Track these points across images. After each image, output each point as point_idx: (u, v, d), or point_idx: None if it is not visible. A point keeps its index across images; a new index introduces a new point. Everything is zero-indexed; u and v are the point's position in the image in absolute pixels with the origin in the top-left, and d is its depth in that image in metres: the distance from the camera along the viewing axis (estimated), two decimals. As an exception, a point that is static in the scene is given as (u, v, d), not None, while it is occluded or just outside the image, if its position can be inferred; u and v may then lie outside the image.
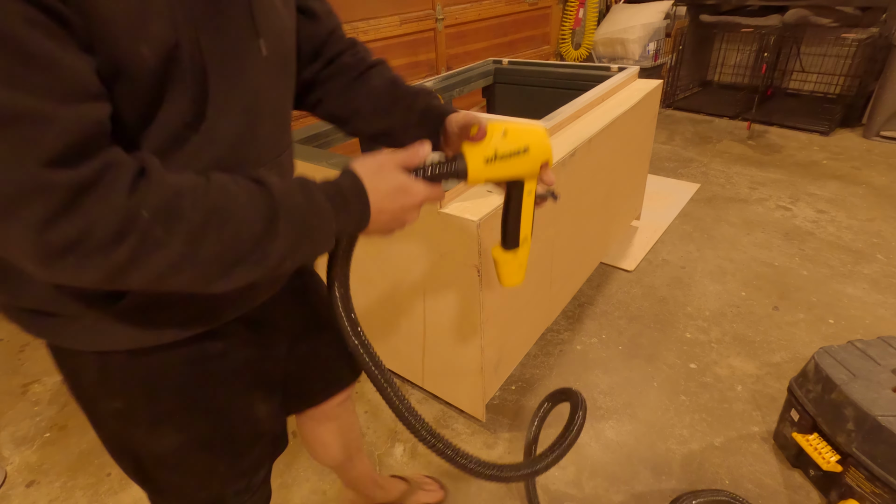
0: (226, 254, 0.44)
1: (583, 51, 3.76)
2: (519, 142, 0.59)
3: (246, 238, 0.45)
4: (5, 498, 1.31)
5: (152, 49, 0.43)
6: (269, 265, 0.47)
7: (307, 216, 0.49)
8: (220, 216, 0.43)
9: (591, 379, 1.54)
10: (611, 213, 1.82)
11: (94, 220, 0.37)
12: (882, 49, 2.95)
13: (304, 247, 0.50)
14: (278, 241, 0.46)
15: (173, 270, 0.42)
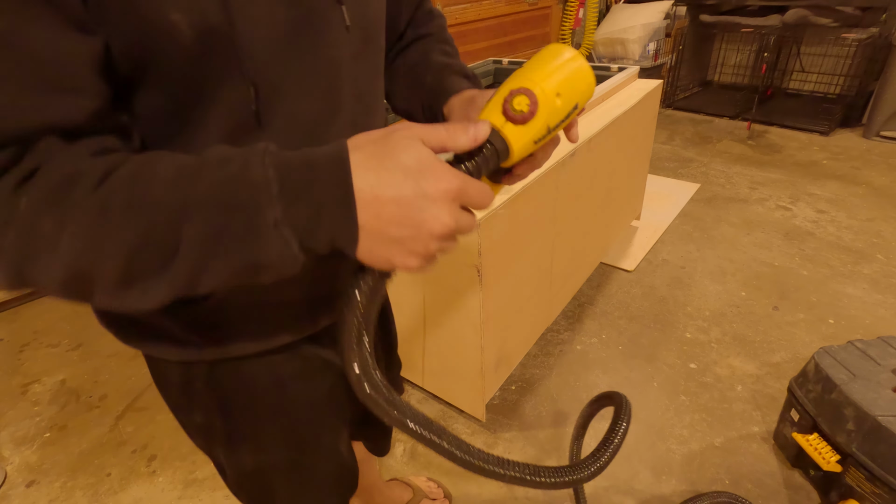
0: (133, 250, 0.33)
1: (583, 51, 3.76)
2: (572, 99, 0.41)
3: (150, 223, 0.33)
4: (5, 498, 1.31)
5: (187, 16, 0.34)
6: (183, 268, 0.33)
7: (231, 189, 0.33)
8: (122, 200, 0.32)
9: (591, 379, 1.54)
10: (611, 213, 1.82)
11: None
12: (882, 49, 2.95)
13: (228, 239, 0.33)
14: (190, 226, 0.32)
15: (79, 267, 0.33)
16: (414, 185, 0.34)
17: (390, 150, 0.34)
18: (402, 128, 0.36)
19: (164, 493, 1.30)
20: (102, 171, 0.33)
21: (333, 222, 0.34)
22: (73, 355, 1.78)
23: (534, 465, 0.48)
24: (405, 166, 0.34)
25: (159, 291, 0.35)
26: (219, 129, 0.40)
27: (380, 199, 0.34)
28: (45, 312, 2.02)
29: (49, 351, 1.81)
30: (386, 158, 0.34)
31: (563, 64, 0.41)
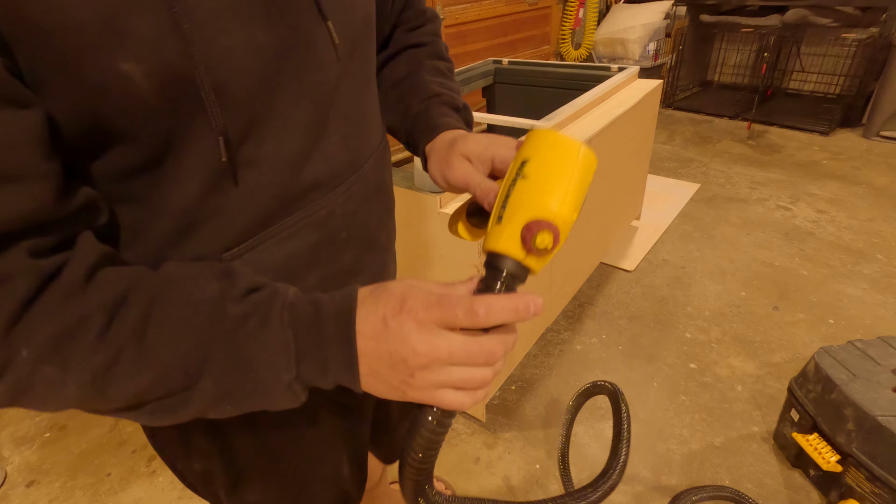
0: (140, 395, 0.32)
1: (583, 51, 3.76)
2: (583, 199, 0.39)
3: (167, 379, 0.32)
4: (5, 498, 1.31)
5: (141, 65, 0.30)
6: (189, 411, 0.34)
7: (252, 352, 0.33)
8: (135, 354, 0.31)
9: (590, 379, 1.53)
10: (611, 213, 1.82)
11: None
12: (882, 49, 2.95)
13: (240, 394, 0.34)
14: (204, 381, 0.33)
15: (79, 404, 0.32)
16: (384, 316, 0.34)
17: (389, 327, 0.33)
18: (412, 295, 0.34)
19: (164, 493, 1.30)
20: (107, 314, 0.31)
21: (338, 375, 0.35)
22: (73, 355, 1.78)
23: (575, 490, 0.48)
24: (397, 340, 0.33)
25: (162, 420, 0.35)
26: (192, 182, 0.37)
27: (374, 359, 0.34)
28: (45, 312, 2.02)
29: (49, 351, 1.81)
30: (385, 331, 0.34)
31: (575, 171, 0.37)
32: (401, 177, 1.14)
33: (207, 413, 0.35)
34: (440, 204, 1.08)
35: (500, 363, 0.36)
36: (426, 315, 0.33)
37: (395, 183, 1.12)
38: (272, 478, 0.58)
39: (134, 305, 0.32)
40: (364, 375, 0.35)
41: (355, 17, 0.45)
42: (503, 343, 0.35)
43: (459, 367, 0.34)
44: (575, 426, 1.39)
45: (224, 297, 0.34)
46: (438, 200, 1.07)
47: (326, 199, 0.45)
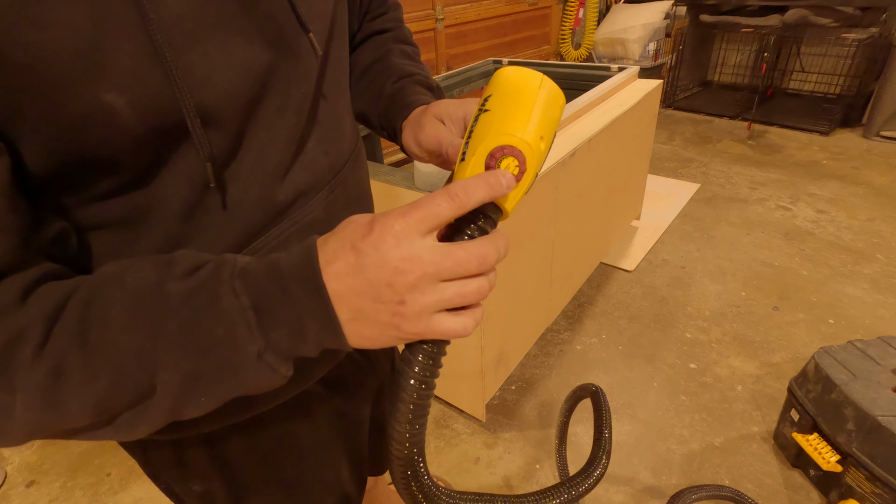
0: (100, 405, 0.30)
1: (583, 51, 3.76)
2: (552, 132, 0.37)
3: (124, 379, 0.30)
4: (5, 498, 1.31)
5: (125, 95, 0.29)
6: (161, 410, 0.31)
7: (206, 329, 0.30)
8: (80, 358, 0.29)
9: (590, 379, 1.54)
10: (611, 213, 1.82)
11: None
12: (882, 49, 2.95)
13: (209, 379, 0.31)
14: (163, 373, 0.30)
15: (41, 431, 0.30)
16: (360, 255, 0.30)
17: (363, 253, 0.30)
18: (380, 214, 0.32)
19: (164, 493, 1.30)
20: (44, 324, 0.28)
21: (318, 334, 0.31)
22: (73, 355, 1.78)
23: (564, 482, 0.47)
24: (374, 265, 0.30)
25: (138, 429, 0.32)
26: (176, 204, 0.36)
27: (354, 297, 0.31)
28: (45, 312, 2.02)
29: (49, 351, 1.81)
30: (358, 259, 0.30)
31: (536, 98, 0.35)
32: (401, 177, 1.14)
33: (184, 409, 0.32)
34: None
35: (494, 273, 0.33)
36: (403, 224, 0.30)
37: (395, 183, 1.12)
38: (275, 489, 0.56)
39: (71, 310, 0.29)
40: (346, 323, 0.31)
41: (331, 24, 0.44)
42: (493, 243, 0.32)
43: (451, 281, 0.31)
44: (574, 426, 1.39)
45: (164, 280, 0.31)
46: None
47: (310, 205, 0.44)
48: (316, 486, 0.60)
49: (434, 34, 2.93)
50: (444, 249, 0.31)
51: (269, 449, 0.53)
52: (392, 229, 0.30)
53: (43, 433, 0.30)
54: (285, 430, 0.53)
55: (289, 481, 0.57)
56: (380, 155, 1.66)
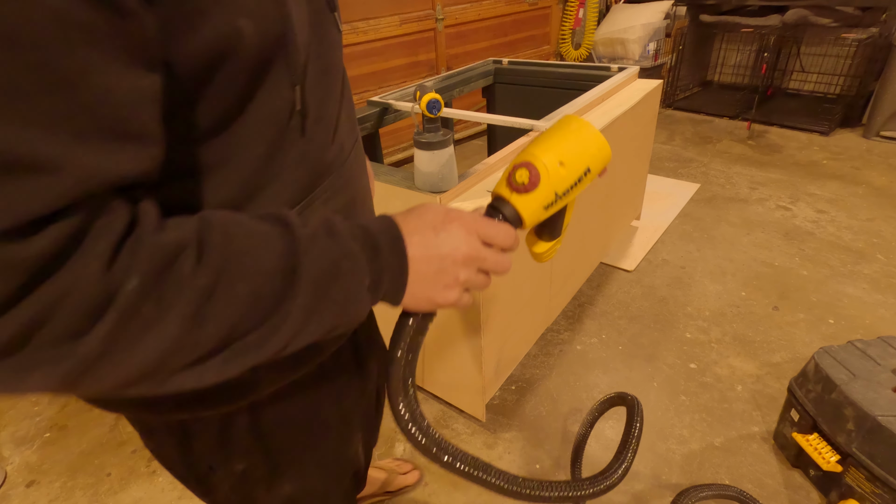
0: (237, 324, 0.32)
1: (583, 51, 3.76)
2: (580, 165, 0.44)
3: (263, 297, 0.32)
4: (5, 498, 1.31)
5: (253, 21, 0.34)
6: (281, 336, 0.34)
7: (335, 261, 0.36)
8: (231, 274, 0.31)
9: (591, 379, 1.54)
10: (611, 213, 1.82)
11: (55, 304, 0.25)
12: (882, 49, 2.95)
13: (329, 307, 0.36)
14: (298, 299, 0.33)
15: (163, 359, 0.30)
16: (433, 225, 0.41)
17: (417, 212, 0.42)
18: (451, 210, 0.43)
19: (164, 493, 1.30)
20: (198, 243, 0.31)
21: (394, 279, 0.39)
22: (73, 355, 1.78)
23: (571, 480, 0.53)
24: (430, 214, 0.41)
25: (247, 358, 0.33)
26: (259, 144, 0.39)
27: (415, 246, 0.40)
28: (45, 312, 2.02)
29: (49, 351, 1.81)
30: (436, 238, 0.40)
31: (567, 134, 0.44)
32: (401, 177, 1.14)
33: (298, 338, 0.35)
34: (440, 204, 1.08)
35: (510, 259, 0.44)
36: (473, 226, 0.41)
37: (395, 183, 1.12)
38: (307, 465, 0.60)
39: (215, 237, 0.31)
40: (410, 284, 0.40)
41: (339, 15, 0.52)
42: (509, 263, 0.44)
43: (481, 273, 0.42)
44: (574, 426, 1.39)
45: (286, 224, 0.35)
46: (438, 200, 1.07)
47: (344, 166, 0.50)
48: (340, 462, 0.64)
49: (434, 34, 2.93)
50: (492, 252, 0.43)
51: (301, 421, 0.56)
52: (465, 223, 0.41)
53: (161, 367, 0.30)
54: (314, 402, 0.57)
55: (318, 456, 0.61)
56: (380, 155, 1.66)
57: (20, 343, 0.25)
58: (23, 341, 0.25)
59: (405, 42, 2.80)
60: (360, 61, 2.65)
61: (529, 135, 1.35)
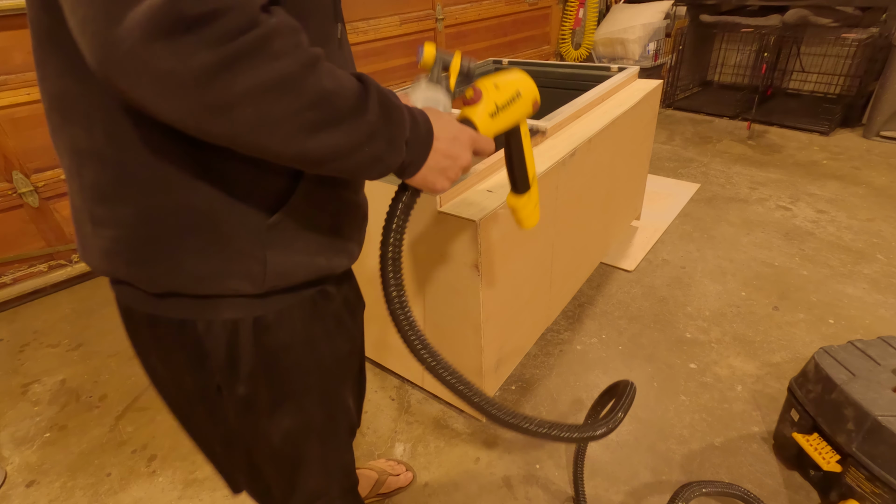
0: (326, 99, 0.42)
1: (583, 51, 3.76)
2: (511, 89, 0.63)
3: (344, 93, 0.44)
4: (5, 498, 1.31)
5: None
6: (356, 136, 0.45)
7: (393, 107, 0.49)
8: (326, 67, 0.43)
9: (591, 379, 1.54)
10: (611, 213, 1.82)
11: (228, 6, 0.36)
12: (882, 49, 2.95)
13: (380, 140, 0.48)
14: (368, 115, 0.46)
15: (276, 91, 0.39)
16: (455, 135, 0.57)
17: (441, 118, 0.56)
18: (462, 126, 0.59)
19: (164, 493, 1.30)
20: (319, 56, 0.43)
21: (420, 151, 0.53)
22: (73, 355, 1.78)
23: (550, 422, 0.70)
24: (453, 125, 0.57)
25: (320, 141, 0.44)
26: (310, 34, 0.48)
27: (440, 140, 0.55)
28: (44, 312, 2.02)
29: (49, 351, 1.81)
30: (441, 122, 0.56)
31: (501, 73, 0.64)
32: (401, 177, 1.14)
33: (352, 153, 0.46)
34: (440, 203, 1.08)
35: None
36: (473, 143, 0.59)
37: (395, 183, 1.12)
38: (307, 399, 0.65)
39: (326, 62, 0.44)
40: (425, 168, 0.54)
41: None
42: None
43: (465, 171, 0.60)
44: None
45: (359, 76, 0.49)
46: (438, 200, 1.07)
47: None
48: (337, 402, 0.70)
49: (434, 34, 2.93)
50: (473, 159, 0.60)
51: (300, 353, 0.62)
52: (471, 141, 0.59)
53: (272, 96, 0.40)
54: (311, 337, 0.63)
55: (316, 393, 0.66)
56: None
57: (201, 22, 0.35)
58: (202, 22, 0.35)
59: (405, 42, 2.80)
60: (361, 61, 2.65)
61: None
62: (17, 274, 2.04)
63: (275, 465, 0.68)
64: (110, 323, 1.93)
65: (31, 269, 2.07)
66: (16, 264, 2.04)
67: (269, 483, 0.71)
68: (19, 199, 1.95)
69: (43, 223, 2.04)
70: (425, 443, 1.38)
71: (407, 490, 1.26)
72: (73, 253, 2.15)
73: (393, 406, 1.49)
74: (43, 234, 2.05)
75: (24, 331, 1.92)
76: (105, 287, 2.16)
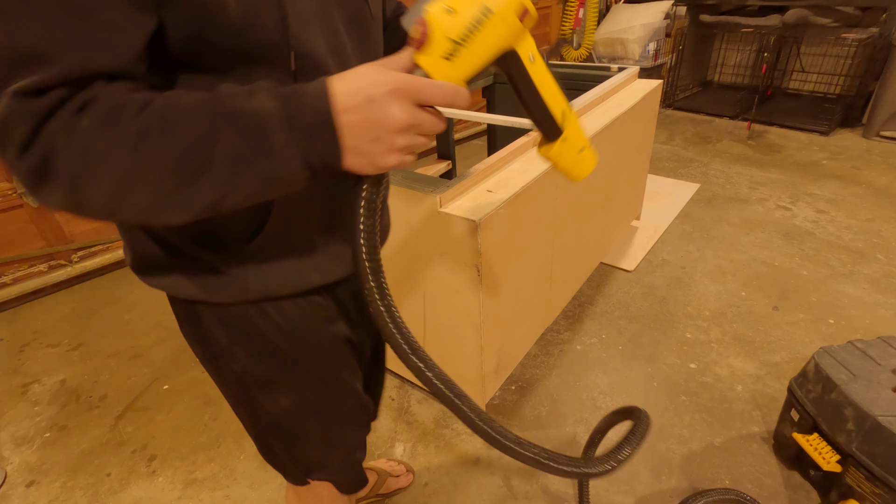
0: (170, 165, 0.39)
1: (583, 51, 3.76)
2: (473, 7, 0.42)
3: (186, 142, 0.39)
4: (5, 498, 1.31)
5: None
6: (214, 182, 0.41)
7: (245, 118, 0.40)
8: (160, 123, 0.39)
9: (591, 379, 1.54)
10: (611, 213, 1.82)
11: (52, 143, 0.37)
12: (882, 49, 2.95)
13: (249, 160, 0.41)
14: (220, 146, 0.40)
15: (124, 184, 0.39)
16: (367, 94, 0.41)
17: (352, 76, 0.42)
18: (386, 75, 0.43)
19: (164, 493, 1.30)
20: (142, 102, 0.39)
21: (324, 140, 0.42)
22: (73, 355, 1.78)
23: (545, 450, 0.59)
24: (364, 79, 0.42)
25: (192, 202, 0.41)
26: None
27: (347, 112, 0.41)
28: (44, 312, 2.02)
29: (49, 351, 1.81)
30: (349, 81, 0.42)
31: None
32: (401, 176, 1.14)
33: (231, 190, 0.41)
34: (440, 204, 1.08)
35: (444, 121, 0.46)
36: (409, 92, 0.42)
37: (396, 182, 1.12)
38: (304, 379, 0.66)
39: (158, 100, 0.40)
40: (347, 149, 0.42)
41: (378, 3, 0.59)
42: (444, 122, 0.45)
43: (419, 135, 0.44)
44: (574, 426, 1.39)
45: (217, 94, 0.41)
46: (438, 200, 1.07)
47: None
48: (336, 383, 0.70)
49: (434, 34, 2.93)
50: (428, 116, 0.43)
51: (299, 339, 0.63)
52: (402, 92, 0.41)
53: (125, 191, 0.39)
54: (314, 326, 0.63)
55: (315, 374, 0.67)
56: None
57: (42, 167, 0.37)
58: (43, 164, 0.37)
59: (405, 42, 2.80)
60: (360, 61, 2.64)
61: (529, 134, 1.35)
62: (17, 274, 2.05)
63: (272, 434, 0.71)
64: (110, 323, 1.93)
65: (31, 268, 2.08)
66: (16, 264, 2.04)
67: (273, 448, 0.74)
68: (19, 199, 1.95)
69: (43, 223, 2.04)
70: (425, 443, 1.38)
71: (407, 490, 1.26)
72: (73, 253, 2.15)
73: (393, 406, 1.49)
74: (43, 234, 2.05)
75: (24, 331, 1.92)
76: (105, 287, 2.16)
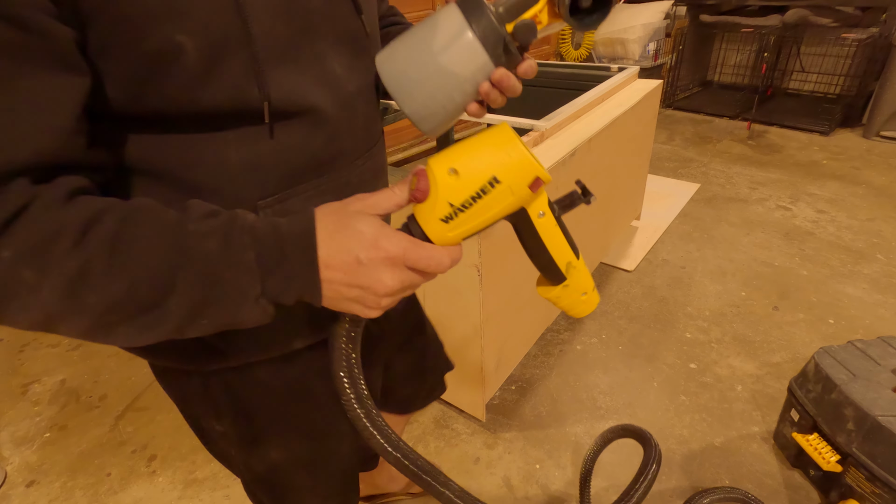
0: (115, 307, 0.35)
1: (583, 51, 3.76)
2: (479, 176, 0.39)
3: (139, 291, 0.35)
4: (5, 498, 1.31)
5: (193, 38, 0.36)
6: (167, 327, 0.37)
7: (217, 269, 0.36)
8: (105, 260, 0.34)
9: (591, 379, 1.54)
10: (611, 213, 1.82)
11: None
12: (882, 49, 2.94)
13: (213, 310, 0.37)
14: (176, 297, 0.36)
15: (55, 318, 0.34)
16: (357, 256, 0.38)
17: (344, 226, 0.39)
18: (355, 201, 0.41)
19: (164, 493, 1.30)
20: (81, 226, 0.34)
21: (302, 289, 0.39)
22: (73, 355, 1.78)
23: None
24: (357, 239, 0.38)
25: (144, 336, 0.37)
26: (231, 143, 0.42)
27: (334, 269, 0.39)
28: (45, 312, 2.02)
29: (49, 351, 1.81)
30: (341, 233, 0.39)
31: (476, 141, 0.40)
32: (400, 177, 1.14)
33: (187, 329, 0.37)
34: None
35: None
36: (401, 259, 0.39)
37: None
38: (292, 434, 0.62)
39: (106, 223, 0.34)
40: (327, 299, 0.40)
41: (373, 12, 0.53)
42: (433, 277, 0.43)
43: (409, 289, 0.42)
44: (574, 426, 1.39)
45: (182, 220, 0.37)
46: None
47: (347, 169, 0.51)
48: (331, 434, 0.66)
49: (434, 34, 2.93)
50: (417, 279, 0.41)
51: (287, 396, 0.59)
52: (393, 258, 0.39)
53: (59, 321, 0.34)
54: (302, 381, 0.59)
55: (306, 428, 0.63)
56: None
57: None
58: None
59: (405, 42, 2.80)
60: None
61: (529, 135, 1.35)
62: (17, 274, 2.04)
63: (262, 489, 0.68)
64: (110, 323, 1.93)
65: (31, 269, 2.07)
66: (16, 264, 2.04)
67: (262, 500, 0.70)
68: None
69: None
70: (425, 443, 1.38)
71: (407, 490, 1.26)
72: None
73: (393, 406, 1.49)
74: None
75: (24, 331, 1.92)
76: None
